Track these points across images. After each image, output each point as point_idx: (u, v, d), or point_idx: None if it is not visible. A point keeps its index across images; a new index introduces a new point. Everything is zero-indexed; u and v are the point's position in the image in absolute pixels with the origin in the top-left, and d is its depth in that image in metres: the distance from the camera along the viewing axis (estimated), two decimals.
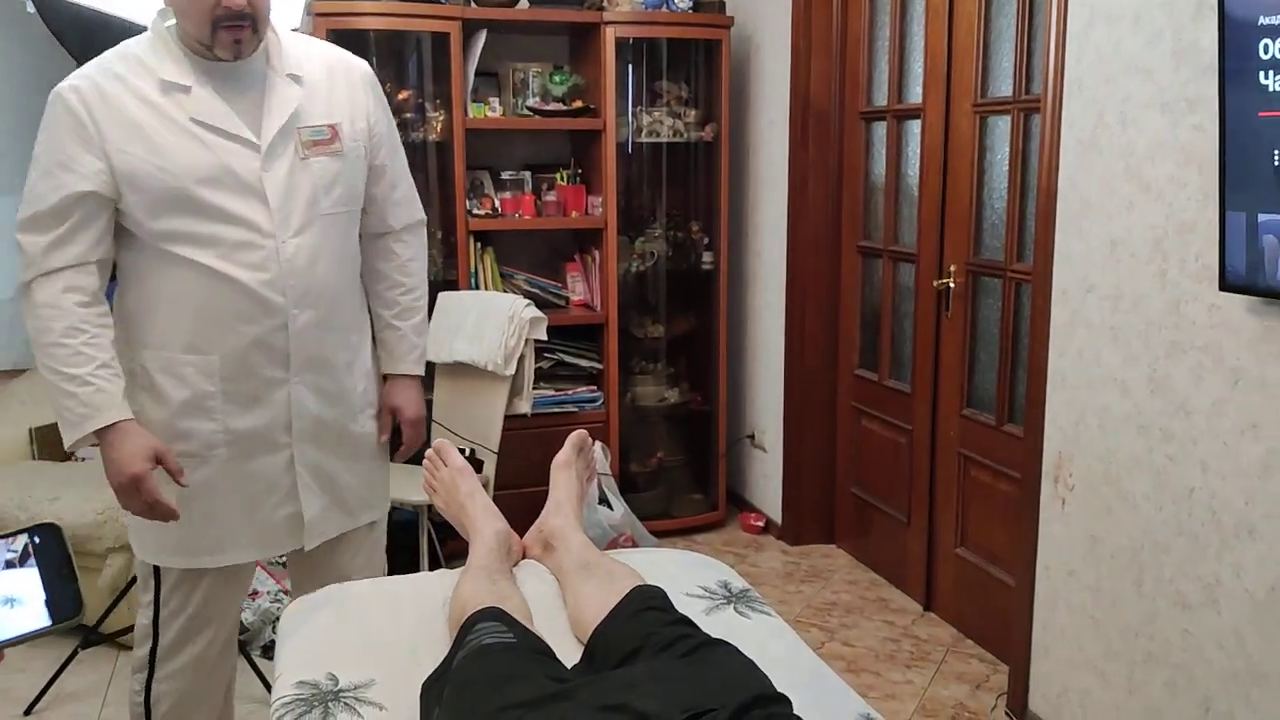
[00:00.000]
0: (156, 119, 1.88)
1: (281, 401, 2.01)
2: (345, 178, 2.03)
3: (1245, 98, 1.94)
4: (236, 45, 1.87)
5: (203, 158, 1.88)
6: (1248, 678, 2.10)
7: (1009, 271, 3.03)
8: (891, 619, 3.46)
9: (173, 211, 1.89)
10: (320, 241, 1.99)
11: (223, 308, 1.93)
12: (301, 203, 1.96)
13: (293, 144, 1.96)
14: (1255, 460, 2.07)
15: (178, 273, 1.92)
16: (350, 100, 2.06)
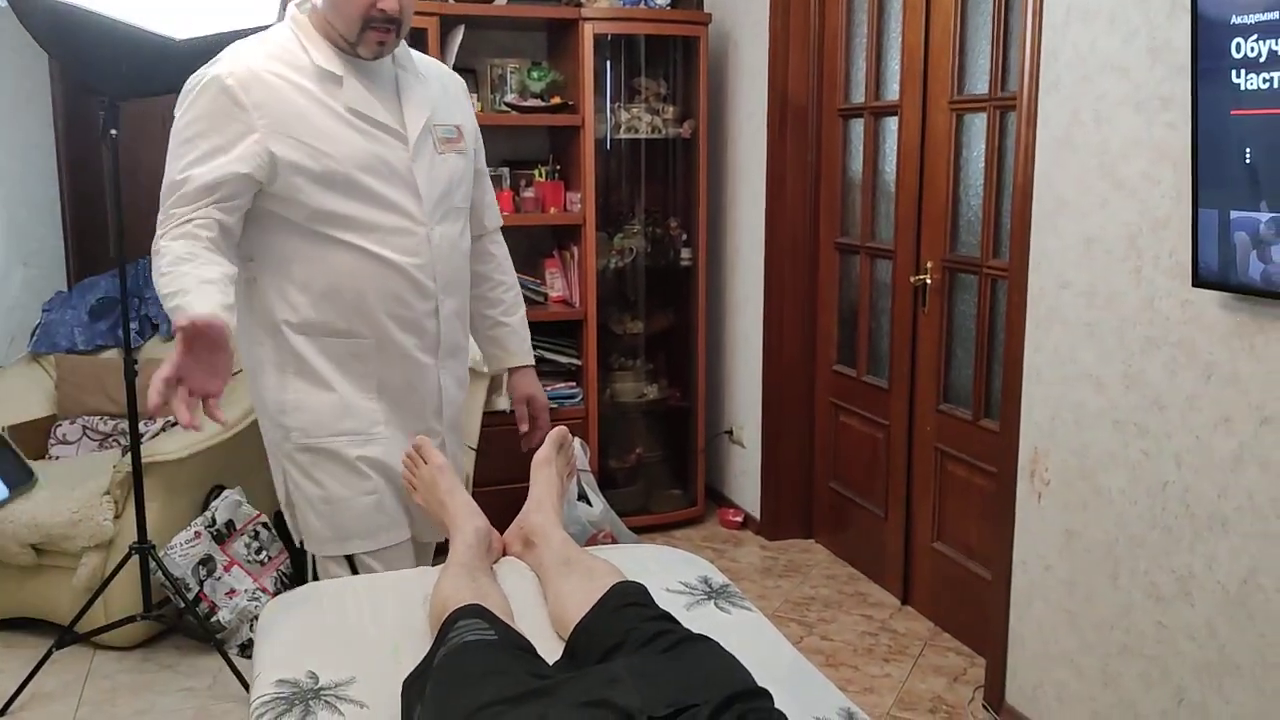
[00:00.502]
0: (315, 105, 1.91)
1: (433, 388, 2.10)
2: (467, 176, 2.13)
3: (1217, 96, 1.96)
4: (380, 46, 1.93)
5: (361, 145, 1.93)
6: (1220, 668, 2.13)
7: (985, 268, 3.05)
8: (869, 613, 3.48)
9: (333, 195, 1.92)
10: (456, 233, 2.10)
11: (380, 291, 1.97)
12: (440, 194, 2.04)
13: (431, 140, 2.04)
14: (1227, 454, 2.09)
15: (334, 257, 1.94)
16: (459, 105, 2.17)
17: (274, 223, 1.95)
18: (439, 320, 2.06)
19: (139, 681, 3.01)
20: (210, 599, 3.09)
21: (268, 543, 3.33)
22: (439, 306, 2.05)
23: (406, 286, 1.99)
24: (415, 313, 2.02)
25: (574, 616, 1.58)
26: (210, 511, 3.23)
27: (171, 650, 3.18)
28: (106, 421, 3.68)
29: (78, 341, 3.83)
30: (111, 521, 3.08)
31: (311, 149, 1.89)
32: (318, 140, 1.90)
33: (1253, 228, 1.93)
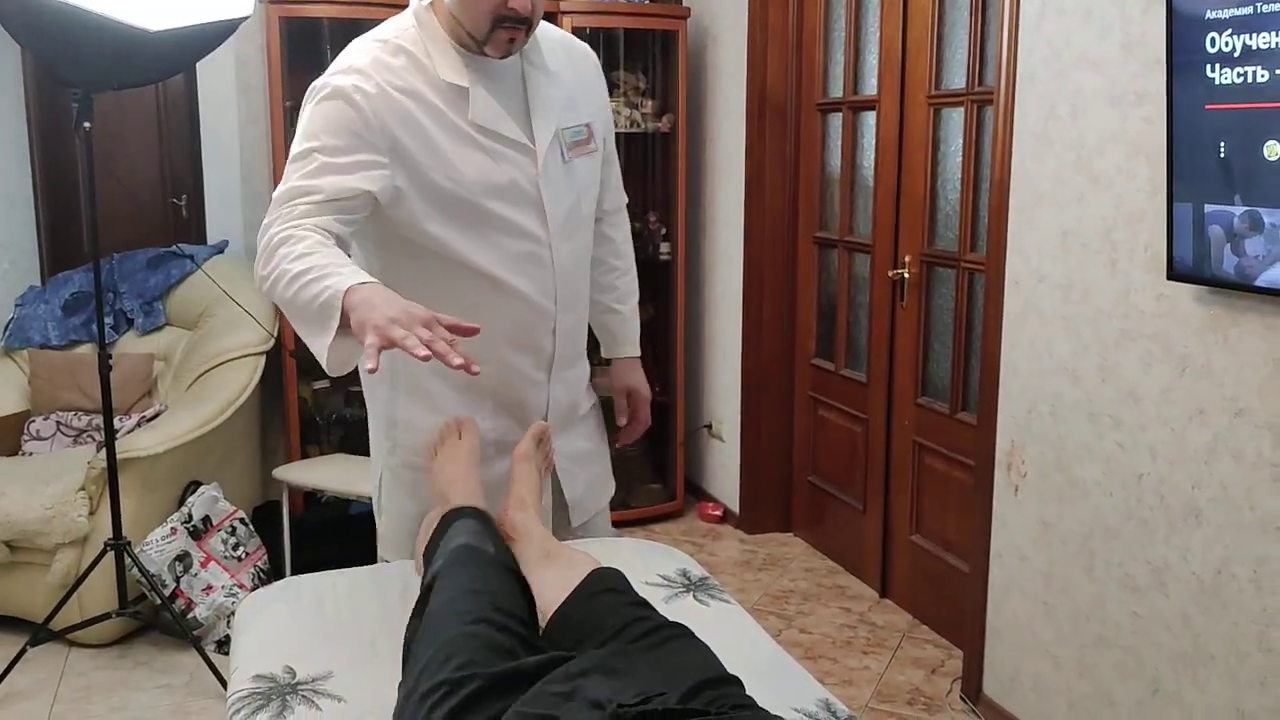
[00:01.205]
0: (439, 125, 1.79)
1: (540, 401, 2.00)
2: (596, 178, 1.99)
3: (1192, 90, 1.97)
4: (510, 45, 1.79)
5: (489, 169, 1.81)
6: (1195, 658, 2.15)
7: (962, 262, 3.06)
8: (848, 606, 3.50)
9: (455, 221, 1.81)
10: (583, 245, 1.99)
11: (499, 317, 1.86)
12: (569, 208, 1.91)
13: (560, 148, 1.89)
14: (1201, 446, 2.11)
15: (453, 283, 1.83)
16: (592, 92, 1.99)
17: (393, 243, 1.85)
18: (555, 338, 1.96)
19: (114, 679, 2.98)
20: (187, 595, 3.07)
21: (245, 538, 3.31)
22: (556, 326, 1.95)
23: (526, 310, 1.90)
24: (534, 335, 1.93)
25: (553, 604, 1.57)
26: (186, 507, 3.21)
27: (147, 647, 3.16)
28: (81, 417, 3.65)
29: (51, 336, 3.80)
30: (86, 518, 3.06)
31: (437, 177, 1.78)
32: (444, 168, 1.79)
33: (1227, 221, 1.94)
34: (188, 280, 3.82)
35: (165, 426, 3.23)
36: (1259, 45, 1.83)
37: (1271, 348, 1.95)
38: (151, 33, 2.68)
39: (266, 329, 3.60)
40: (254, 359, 3.57)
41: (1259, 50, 1.83)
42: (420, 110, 1.77)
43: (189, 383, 3.56)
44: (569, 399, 2.08)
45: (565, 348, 2.00)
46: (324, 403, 3.97)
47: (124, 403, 3.57)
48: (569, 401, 2.08)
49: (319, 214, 1.67)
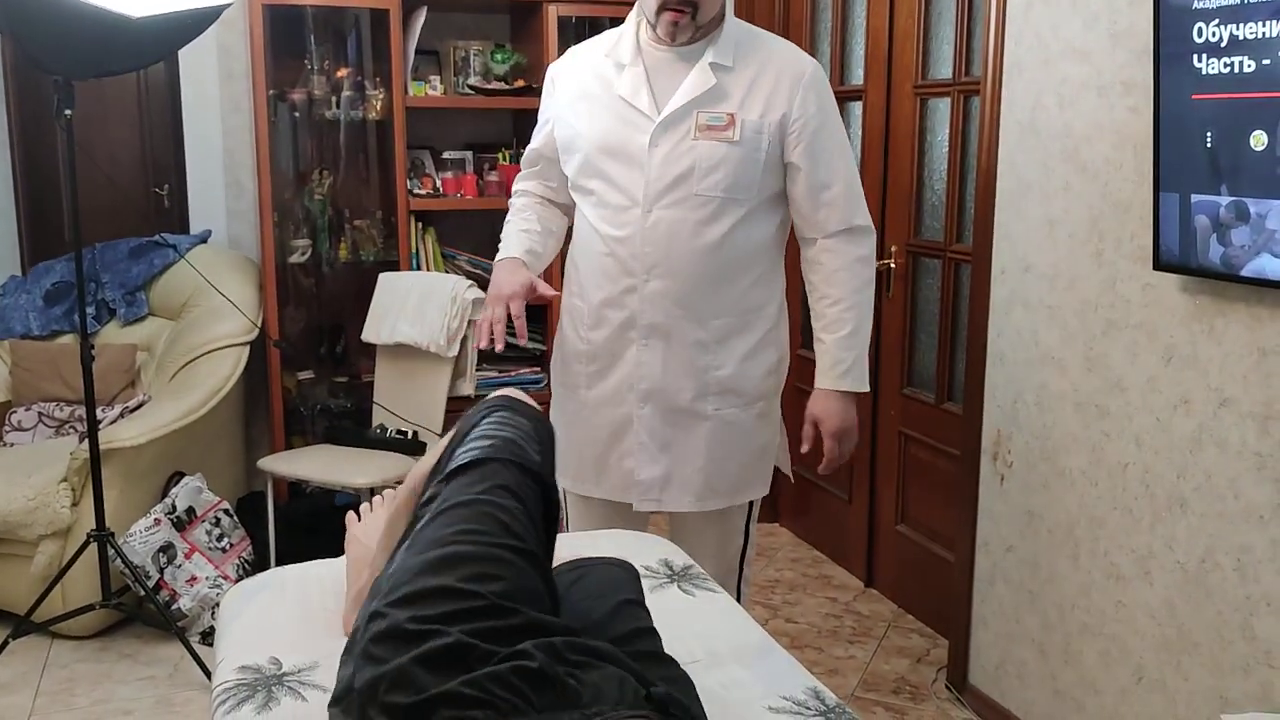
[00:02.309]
0: (596, 91, 2.15)
1: (631, 360, 2.17)
2: (732, 163, 2.08)
3: (1179, 80, 1.97)
4: (673, 28, 2.06)
5: (611, 129, 2.11)
6: (1179, 646, 2.16)
7: (949, 252, 3.07)
8: (834, 595, 3.50)
9: (581, 173, 2.17)
10: (685, 218, 2.09)
11: (594, 260, 2.17)
12: (676, 179, 2.08)
13: (689, 124, 2.08)
14: (1186, 435, 2.12)
15: (581, 227, 2.22)
16: (771, 94, 2.10)
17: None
18: (639, 298, 2.13)
19: (98, 671, 2.97)
20: (171, 586, 3.06)
21: (229, 529, 3.29)
22: (640, 286, 2.12)
23: (612, 262, 2.14)
24: (617, 287, 2.15)
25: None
26: (170, 498, 3.19)
27: (131, 639, 3.14)
28: (63, 408, 3.62)
29: (33, 327, 3.76)
30: (69, 509, 3.03)
31: (575, 130, 2.15)
32: (577, 121, 2.15)
33: (1213, 211, 1.95)
34: (170, 270, 3.79)
35: (148, 417, 3.21)
36: (1245, 35, 1.84)
37: (1256, 337, 1.96)
38: (133, 19, 2.65)
39: (250, 319, 3.58)
40: (238, 349, 3.55)
41: (1245, 40, 1.84)
42: (589, 78, 2.16)
43: (172, 373, 3.53)
44: (666, 380, 2.16)
45: (654, 315, 2.14)
46: (308, 393, 3.95)
47: (106, 393, 3.54)
48: (664, 383, 2.17)
49: (527, 179, 2.34)
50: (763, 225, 2.16)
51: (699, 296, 2.13)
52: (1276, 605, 1.95)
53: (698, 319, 2.15)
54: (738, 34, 2.16)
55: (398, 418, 3.51)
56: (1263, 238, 1.87)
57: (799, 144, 2.11)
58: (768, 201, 2.15)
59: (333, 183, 3.90)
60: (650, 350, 2.16)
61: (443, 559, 1.14)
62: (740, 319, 2.18)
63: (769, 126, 2.10)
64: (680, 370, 2.17)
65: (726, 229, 2.11)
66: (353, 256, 3.90)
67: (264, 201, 3.66)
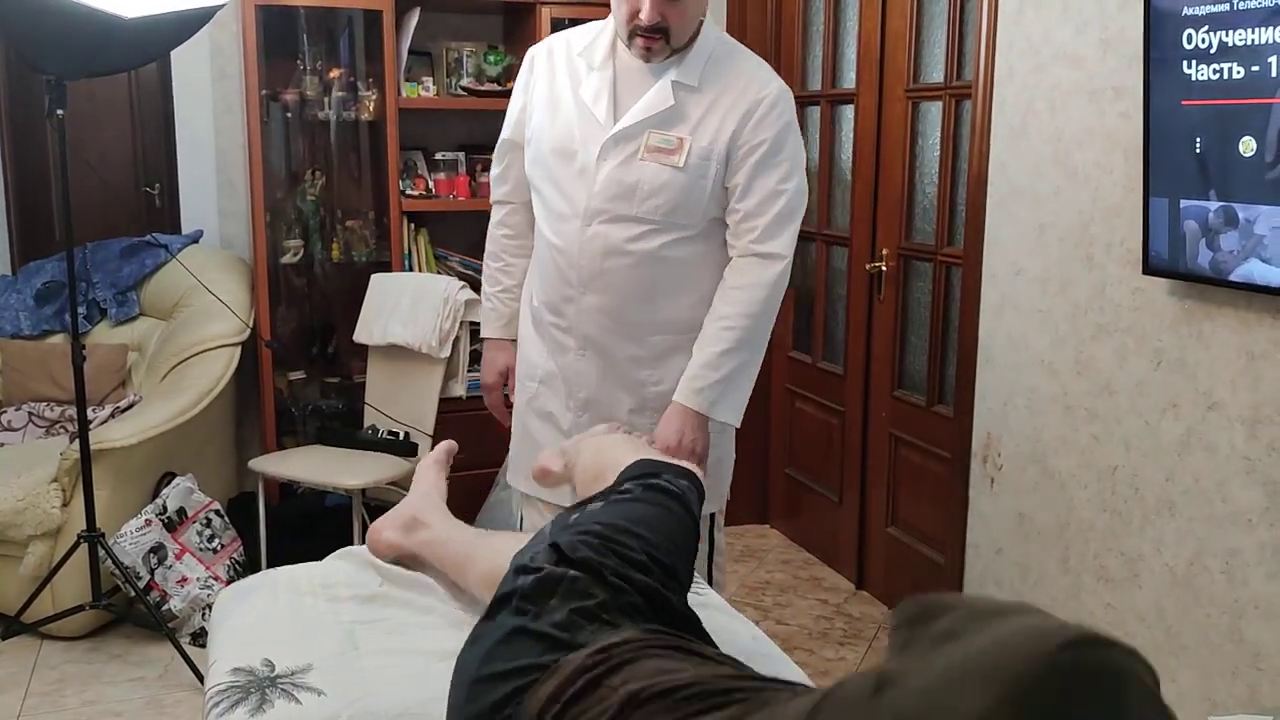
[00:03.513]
0: (564, 89, 2.12)
1: (570, 368, 2.19)
2: (675, 189, 2.05)
3: (1169, 86, 1.99)
4: (647, 52, 2.04)
5: (566, 132, 2.09)
6: (1168, 649, 2.17)
7: (940, 255, 3.08)
8: (824, 597, 3.51)
9: (538, 170, 2.15)
10: (624, 237, 2.07)
11: (542, 264, 2.19)
12: (617, 197, 2.06)
13: (639, 143, 2.05)
14: (1175, 439, 2.13)
15: (538, 226, 2.21)
16: (722, 121, 2.06)
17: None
18: (576, 309, 2.14)
19: (87, 672, 2.96)
20: (161, 587, 3.05)
21: (220, 530, 3.29)
22: (577, 298, 2.13)
23: (554, 270, 2.15)
24: (559, 295, 2.16)
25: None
26: (161, 499, 3.18)
27: (121, 640, 3.13)
28: (53, 408, 3.61)
29: (23, 326, 3.75)
30: (59, 509, 3.03)
31: (539, 125, 2.14)
32: (541, 116, 2.14)
33: (1202, 216, 1.96)
34: (162, 270, 3.77)
35: (139, 418, 3.20)
36: (1234, 42, 1.85)
37: (1245, 342, 1.97)
38: (125, 19, 2.65)
39: (242, 319, 3.58)
40: (229, 350, 3.54)
41: (1235, 47, 1.85)
42: (563, 73, 2.13)
43: (164, 373, 3.53)
44: (599, 385, 2.16)
45: (589, 328, 2.14)
46: (300, 394, 3.95)
47: (97, 393, 3.54)
48: (600, 393, 2.16)
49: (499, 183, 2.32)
50: (707, 245, 2.12)
51: (635, 314, 2.11)
52: (1264, 608, 1.96)
53: (633, 336, 2.13)
54: (713, 52, 2.10)
55: (389, 419, 3.51)
56: (1251, 243, 1.88)
57: (740, 169, 2.06)
58: (713, 223, 2.12)
59: (325, 183, 3.89)
60: (587, 361, 2.16)
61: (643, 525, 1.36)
62: (683, 336, 2.13)
63: (717, 153, 2.05)
64: (617, 383, 2.16)
65: (667, 250, 2.08)
66: (345, 257, 3.90)
67: (256, 202, 3.66)
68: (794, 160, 2.11)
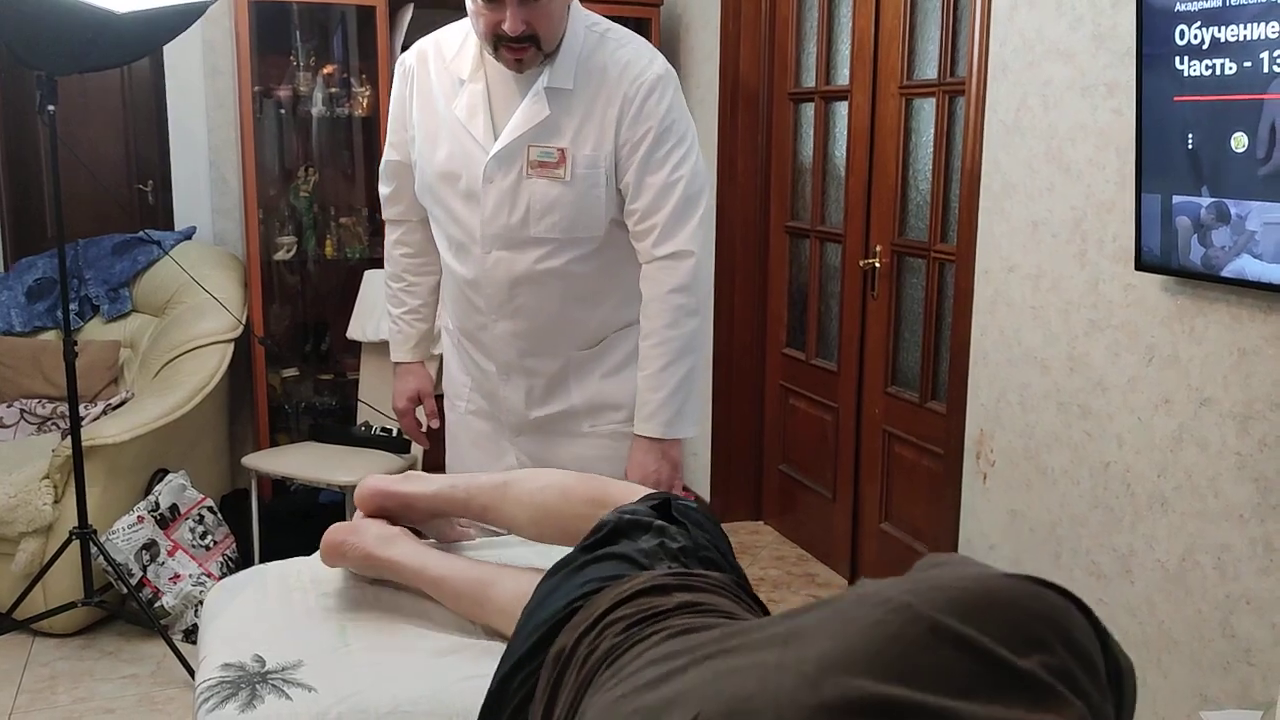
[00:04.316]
0: (439, 105, 1.98)
1: (495, 392, 2.13)
2: (566, 205, 1.92)
3: (1161, 83, 1.99)
4: (518, 64, 1.88)
5: (450, 157, 1.96)
6: (1159, 644, 2.18)
7: (933, 251, 3.08)
8: (818, 593, 3.51)
9: (424, 193, 2.05)
10: (528, 261, 1.96)
11: (452, 291, 2.11)
12: (511, 220, 1.94)
13: (521, 161, 1.92)
14: (1167, 435, 2.14)
15: (440, 251, 2.12)
16: (602, 122, 1.91)
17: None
18: (491, 336, 2.06)
19: (79, 669, 2.95)
20: (154, 584, 3.04)
21: (213, 527, 3.28)
22: (490, 325, 2.05)
23: (463, 298, 2.08)
24: (472, 323, 2.09)
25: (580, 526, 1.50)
26: (154, 495, 3.17)
27: (113, 636, 3.13)
28: (45, 404, 3.60)
29: (15, 323, 3.74)
30: (51, 506, 3.02)
31: (421, 148, 2.01)
32: (425, 141, 2.00)
33: (1194, 212, 1.96)
34: (155, 266, 3.77)
35: (131, 414, 3.19)
36: (1227, 38, 1.85)
37: (1236, 338, 1.97)
38: (117, 15, 2.64)
39: (235, 316, 3.57)
40: (222, 346, 3.54)
41: (1227, 43, 1.85)
42: (435, 88, 1.98)
43: (156, 370, 3.52)
44: (528, 405, 2.09)
45: (507, 354, 2.06)
46: (293, 391, 3.94)
47: (90, 390, 3.53)
48: (532, 413, 2.10)
49: (391, 203, 2.19)
50: (617, 251, 2.00)
51: (551, 332, 2.03)
52: (1256, 604, 1.96)
53: (552, 354, 2.06)
54: (583, 46, 1.93)
55: (383, 415, 3.50)
56: (1243, 239, 1.88)
57: (627, 169, 1.93)
58: (618, 226, 2.00)
59: (318, 180, 3.89)
60: (511, 385, 2.10)
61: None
62: (609, 340, 2.07)
63: (604, 159, 1.91)
64: (544, 399, 2.10)
65: (574, 266, 1.98)
66: (338, 254, 3.89)
67: (249, 198, 3.65)
68: (684, 145, 1.95)
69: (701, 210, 1.97)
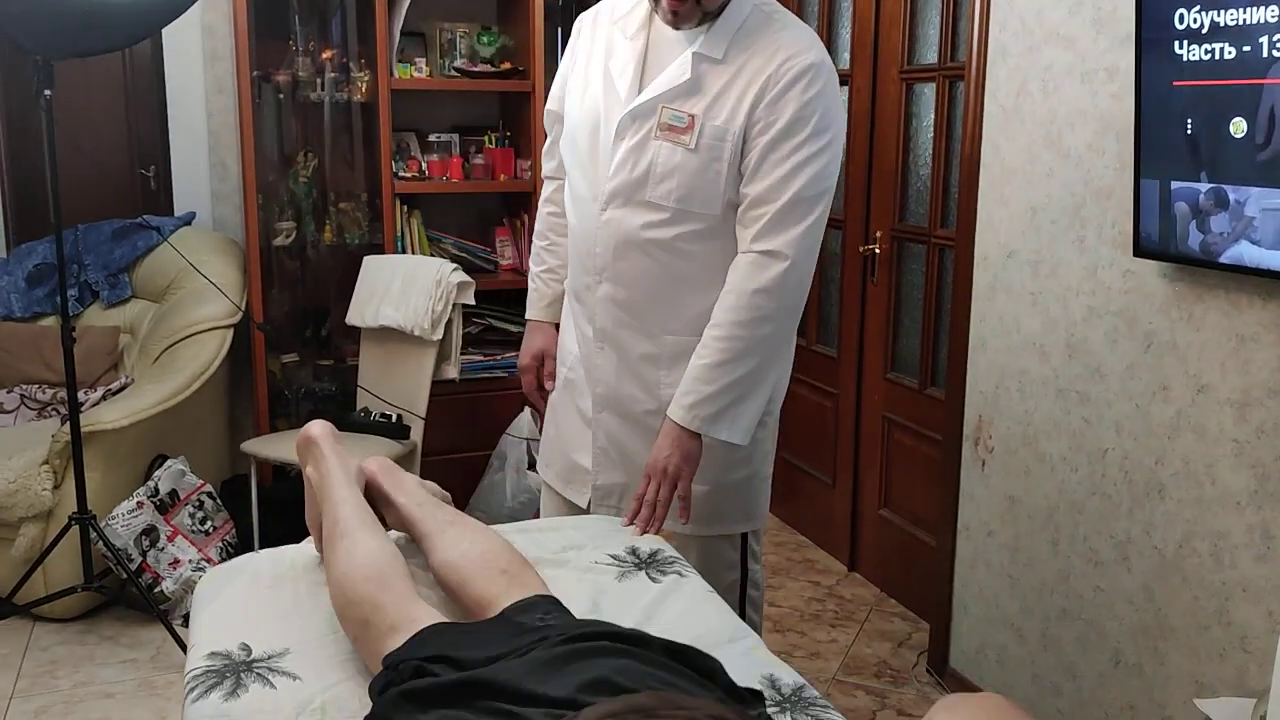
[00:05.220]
0: (599, 59, 2.01)
1: (591, 359, 2.08)
2: (686, 173, 1.87)
3: (1161, 67, 1.97)
4: (674, 16, 1.85)
5: (592, 106, 1.99)
6: (1156, 631, 2.17)
7: (933, 237, 3.06)
8: (817, 579, 3.51)
9: (567, 147, 2.08)
10: (632, 223, 1.92)
11: (570, 250, 2.10)
12: (632, 177, 1.92)
13: (653, 121, 1.89)
14: (1165, 421, 2.12)
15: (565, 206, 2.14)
16: (741, 97, 1.85)
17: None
18: (594, 299, 2.02)
19: (79, 653, 2.96)
20: (153, 569, 3.05)
21: (212, 513, 3.29)
22: (594, 286, 2.01)
23: (575, 255, 2.07)
24: (580, 283, 2.06)
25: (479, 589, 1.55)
26: (153, 481, 3.18)
27: (113, 621, 3.14)
28: (45, 390, 3.61)
29: (14, 308, 3.74)
30: (50, 491, 3.02)
31: (570, 99, 2.07)
32: (575, 93, 2.05)
33: (1193, 198, 1.94)
34: (154, 252, 3.76)
35: (131, 400, 3.19)
36: (1226, 22, 1.83)
37: (1234, 324, 1.96)
38: None
39: (234, 302, 3.57)
40: (221, 332, 3.54)
41: (1226, 27, 1.83)
42: (601, 42, 2.02)
43: (155, 355, 3.52)
44: (618, 381, 2.04)
45: (605, 320, 2.02)
46: (293, 376, 3.94)
47: (89, 376, 3.53)
48: (619, 388, 2.04)
49: (549, 157, 2.23)
50: (728, 239, 1.92)
51: (650, 311, 1.97)
52: (1252, 591, 1.95)
53: (647, 332, 1.99)
54: (746, 19, 1.89)
55: (382, 401, 3.50)
56: (1241, 225, 1.87)
57: (752, 149, 1.86)
58: (711, 211, 1.92)
59: (318, 165, 3.88)
60: (605, 355, 2.04)
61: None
62: (699, 338, 1.92)
63: (733, 135, 1.86)
64: (633, 381, 2.03)
65: (684, 243, 1.92)
66: (337, 239, 3.89)
67: (248, 184, 3.64)
68: (817, 143, 1.85)
69: (814, 217, 1.87)
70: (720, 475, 2.04)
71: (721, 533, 2.10)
